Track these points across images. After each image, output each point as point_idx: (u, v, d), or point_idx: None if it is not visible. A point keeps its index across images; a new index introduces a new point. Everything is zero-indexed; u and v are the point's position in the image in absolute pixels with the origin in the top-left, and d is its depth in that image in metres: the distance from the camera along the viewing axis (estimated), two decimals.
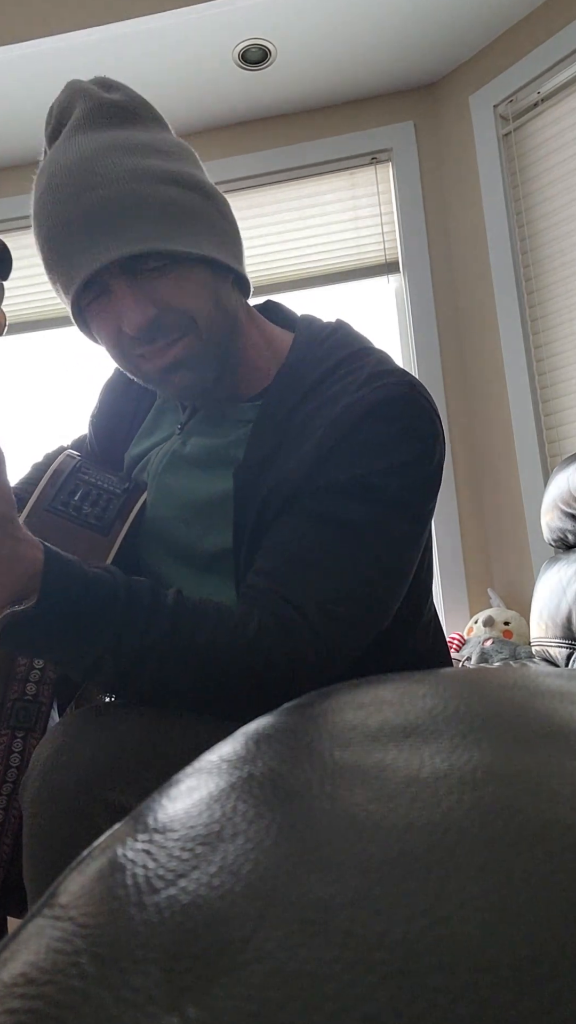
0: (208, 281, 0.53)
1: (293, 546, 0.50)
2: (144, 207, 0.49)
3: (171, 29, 1.50)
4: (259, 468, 0.55)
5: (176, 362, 0.53)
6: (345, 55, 1.61)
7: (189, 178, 0.53)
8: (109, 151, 0.50)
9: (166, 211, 0.50)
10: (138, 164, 0.51)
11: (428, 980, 0.11)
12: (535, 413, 1.54)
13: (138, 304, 0.50)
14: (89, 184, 0.49)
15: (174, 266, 0.51)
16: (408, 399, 0.53)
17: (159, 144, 0.53)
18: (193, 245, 0.51)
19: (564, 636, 1.00)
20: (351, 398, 0.53)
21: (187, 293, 0.52)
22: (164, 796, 0.17)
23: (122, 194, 0.49)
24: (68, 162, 0.50)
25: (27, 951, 0.12)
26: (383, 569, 0.51)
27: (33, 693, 0.54)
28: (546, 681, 0.21)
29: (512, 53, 1.58)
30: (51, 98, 0.55)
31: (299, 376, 0.57)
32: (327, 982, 0.11)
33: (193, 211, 0.52)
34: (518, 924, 0.11)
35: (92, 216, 0.49)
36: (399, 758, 0.16)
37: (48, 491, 0.58)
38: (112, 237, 0.49)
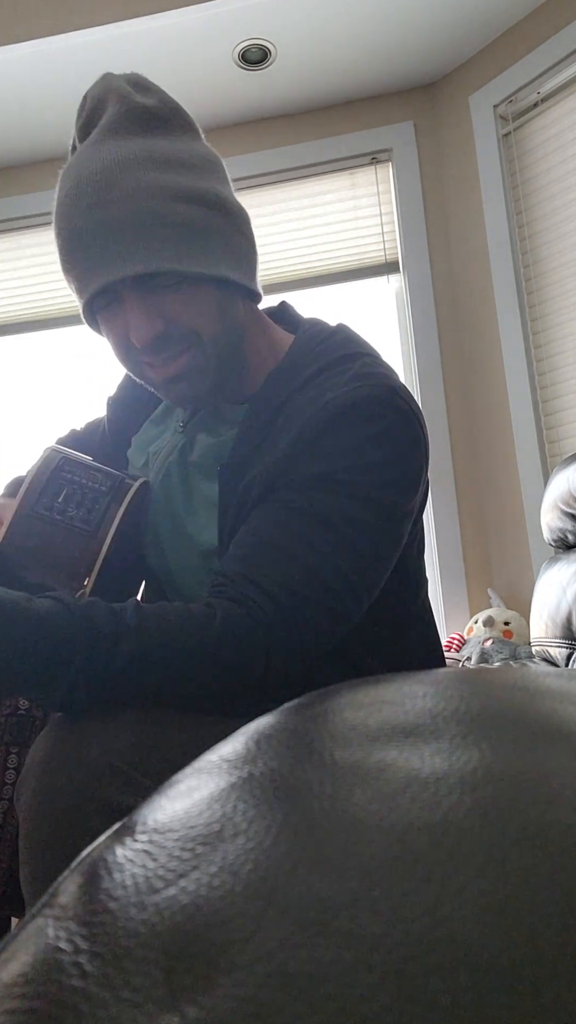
0: (217, 299, 0.55)
1: (264, 534, 0.51)
2: (160, 226, 0.50)
3: (171, 29, 1.50)
4: (242, 467, 0.56)
5: (178, 375, 0.55)
6: (345, 55, 1.61)
7: (209, 194, 0.54)
8: (132, 164, 0.51)
9: (181, 230, 0.51)
10: (159, 180, 0.51)
11: (428, 981, 0.11)
12: (535, 413, 1.54)
13: (147, 318, 0.52)
14: (109, 197, 0.50)
15: (185, 284, 0.53)
16: (386, 401, 0.54)
17: (185, 156, 0.54)
18: (205, 265, 0.53)
19: (564, 636, 1.00)
20: (329, 396, 0.54)
21: (195, 311, 0.53)
22: (164, 796, 0.17)
23: (140, 211, 0.50)
24: (92, 170, 0.52)
25: (27, 951, 0.12)
26: (353, 556, 0.51)
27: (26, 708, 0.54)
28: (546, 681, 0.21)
29: (512, 53, 1.58)
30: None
31: (289, 377, 0.58)
32: (327, 982, 0.11)
33: (209, 230, 0.53)
34: (518, 925, 0.11)
35: (109, 229, 0.50)
36: (399, 758, 0.16)
37: (32, 493, 0.56)
38: (127, 253, 0.50)
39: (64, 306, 1.84)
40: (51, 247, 1.84)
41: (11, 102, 1.65)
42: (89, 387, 1.86)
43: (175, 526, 0.61)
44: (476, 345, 1.65)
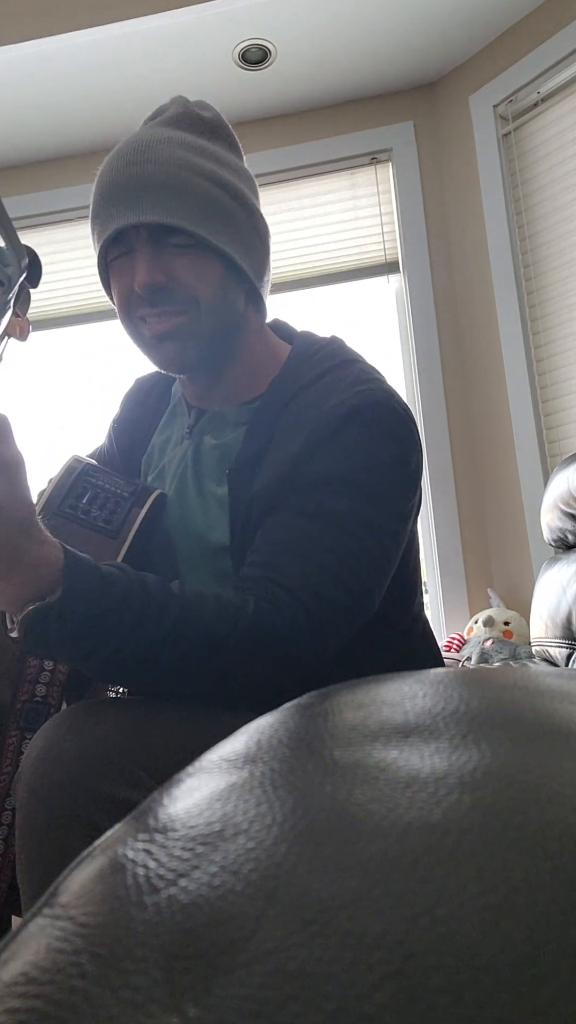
0: (221, 274, 0.58)
1: (281, 537, 0.53)
2: (185, 191, 0.55)
3: (171, 29, 1.50)
4: (250, 469, 0.58)
5: (170, 332, 0.58)
6: (345, 55, 1.61)
7: (236, 189, 0.59)
8: (172, 143, 0.57)
9: (202, 201, 0.56)
10: (193, 159, 0.57)
11: (428, 980, 0.11)
12: (535, 413, 1.54)
13: (152, 267, 0.56)
14: (143, 159, 0.56)
15: (195, 248, 0.56)
16: (386, 405, 0.57)
17: (222, 157, 0.60)
18: (216, 237, 0.57)
19: (564, 636, 1.00)
20: (333, 401, 0.56)
21: (198, 275, 0.57)
22: (165, 795, 0.17)
23: (169, 174, 0.55)
24: (136, 140, 0.57)
25: (27, 950, 0.12)
26: (367, 556, 0.53)
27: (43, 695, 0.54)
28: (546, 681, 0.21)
29: (512, 53, 1.58)
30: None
31: (290, 382, 0.61)
32: (327, 982, 0.11)
33: (228, 214, 0.58)
34: (517, 924, 0.11)
35: (136, 183, 0.55)
36: (399, 758, 0.16)
37: (57, 494, 0.59)
38: (149, 203, 0.55)
39: (65, 306, 1.84)
40: (58, 246, 1.84)
41: (11, 102, 1.65)
42: (89, 387, 1.86)
43: (188, 526, 0.62)
44: (476, 345, 1.65)
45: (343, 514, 0.53)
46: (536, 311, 1.58)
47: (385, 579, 0.55)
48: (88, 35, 1.49)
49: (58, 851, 0.41)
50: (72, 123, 1.72)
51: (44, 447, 1.84)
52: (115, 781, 0.42)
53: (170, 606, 0.47)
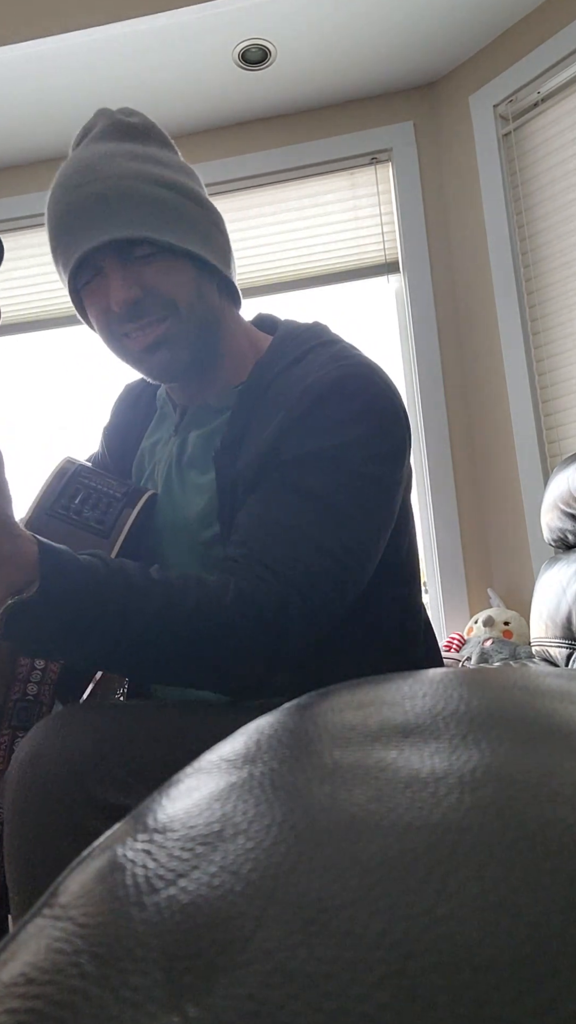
0: (192, 275, 0.58)
1: (265, 515, 0.53)
2: (138, 201, 0.55)
3: (171, 29, 1.50)
4: (234, 449, 0.58)
5: (157, 341, 0.58)
6: (345, 55, 1.61)
7: (185, 187, 0.58)
8: (114, 156, 0.57)
9: (158, 207, 0.56)
10: (138, 167, 0.56)
11: (427, 980, 0.11)
12: (535, 413, 1.54)
13: (125, 283, 0.56)
14: (92, 178, 0.55)
15: (162, 255, 0.56)
16: (364, 377, 0.56)
17: (162, 158, 0.60)
18: (179, 239, 0.56)
19: (564, 636, 1.00)
20: (312, 378, 0.56)
21: (171, 281, 0.57)
22: (164, 796, 0.17)
23: (119, 188, 0.55)
24: (77, 162, 0.57)
25: (27, 951, 0.12)
26: (355, 529, 0.53)
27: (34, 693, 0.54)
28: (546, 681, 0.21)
29: (512, 53, 1.58)
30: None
31: (271, 364, 0.61)
32: (327, 982, 0.11)
33: (184, 214, 0.57)
34: (517, 923, 0.11)
35: (90, 204, 0.54)
36: (399, 758, 0.16)
37: (49, 495, 0.59)
38: (106, 222, 0.54)
39: (64, 306, 1.84)
40: None
41: (11, 102, 1.65)
42: (89, 387, 1.86)
43: (179, 521, 0.62)
44: (476, 345, 1.65)
45: (324, 489, 0.52)
46: (536, 311, 1.58)
47: (374, 549, 0.54)
48: (87, 35, 1.49)
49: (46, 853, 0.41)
50: (72, 123, 1.72)
51: (44, 447, 1.84)
52: (103, 785, 0.42)
53: (152, 593, 0.46)
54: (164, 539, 0.63)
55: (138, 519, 0.60)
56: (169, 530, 0.63)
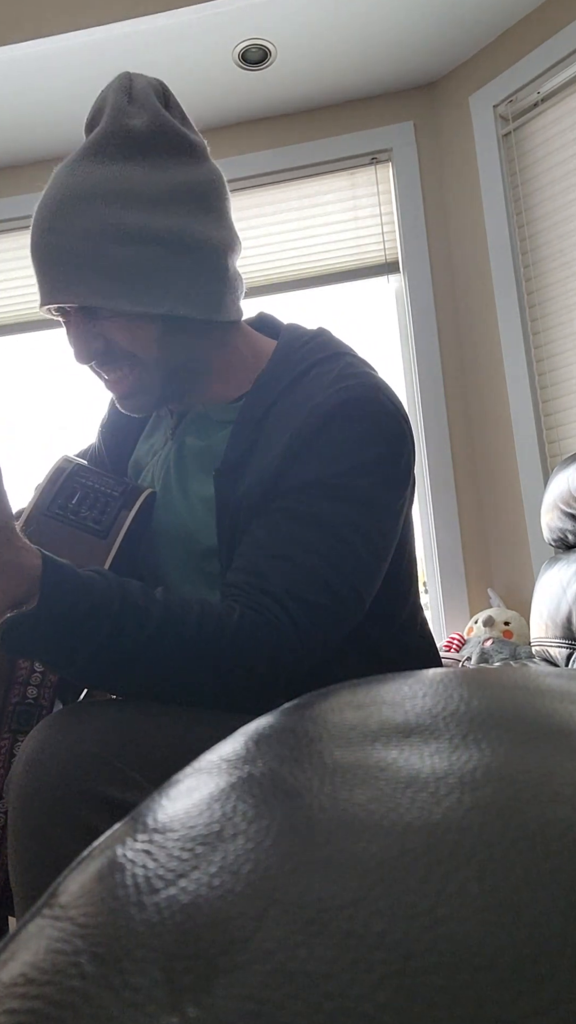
0: (156, 332, 0.56)
1: (269, 543, 0.52)
2: (94, 266, 0.53)
3: (171, 29, 1.50)
4: (236, 469, 0.57)
5: (128, 391, 0.59)
6: (345, 55, 1.61)
7: (164, 233, 0.54)
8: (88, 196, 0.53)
9: (116, 272, 0.53)
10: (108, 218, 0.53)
11: (428, 980, 0.11)
12: (535, 413, 1.54)
13: (84, 340, 0.56)
14: (59, 227, 0.54)
15: (122, 316, 0.55)
16: (371, 399, 0.55)
17: (153, 190, 0.55)
18: (142, 304, 0.54)
19: (564, 636, 1.00)
20: (318, 399, 0.55)
21: (131, 339, 0.56)
22: (164, 796, 0.17)
23: (77, 249, 0.53)
24: (52, 197, 0.55)
25: (27, 951, 0.12)
26: (357, 562, 0.52)
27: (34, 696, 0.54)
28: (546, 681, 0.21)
29: (512, 53, 1.58)
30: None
31: (275, 379, 0.59)
32: (327, 982, 0.11)
33: (157, 270, 0.54)
34: (518, 924, 0.11)
35: (51, 258, 0.54)
36: (399, 758, 0.16)
37: (46, 495, 0.58)
38: (64, 284, 0.54)
39: None
40: None
41: (11, 102, 1.65)
42: (88, 387, 1.86)
43: (175, 528, 0.62)
44: (476, 345, 1.65)
45: (330, 517, 0.52)
46: (536, 311, 1.58)
47: (375, 580, 0.54)
48: (87, 35, 1.49)
49: (51, 852, 0.41)
50: (72, 124, 1.72)
51: (44, 447, 1.84)
52: (108, 782, 0.42)
53: (150, 613, 0.46)
54: (160, 542, 0.63)
55: (136, 519, 0.59)
56: (165, 535, 0.62)
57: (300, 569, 0.50)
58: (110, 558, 0.56)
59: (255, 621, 0.48)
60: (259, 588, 0.50)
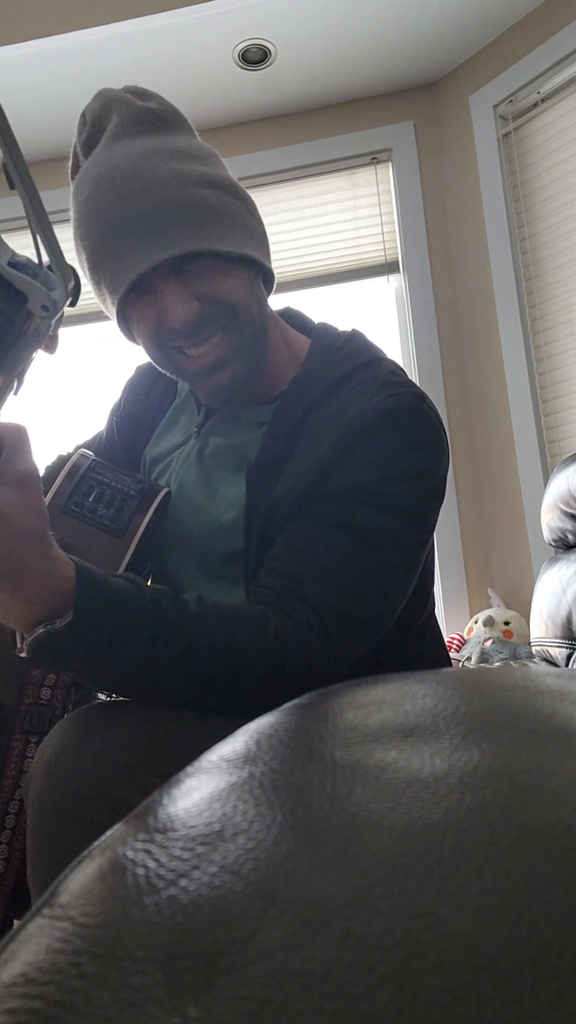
0: (247, 278, 0.57)
1: (307, 549, 0.51)
2: (189, 210, 0.52)
3: (171, 29, 1.50)
4: (271, 471, 0.56)
5: (219, 360, 0.56)
6: (345, 55, 1.61)
7: (224, 181, 0.56)
8: (151, 156, 0.53)
9: (209, 214, 0.53)
10: (180, 168, 0.53)
11: (428, 980, 0.10)
12: (535, 413, 1.54)
13: (183, 300, 0.53)
14: (136, 188, 0.52)
15: (217, 264, 0.54)
16: (418, 410, 0.55)
17: (193, 149, 0.56)
18: (233, 245, 0.55)
19: (564, 636, 1.00)
20: (363, 405, 0.54)
21: (229, 287, 0.55)
22: (164, 796, 0.17)
23: (169, 197, 0.52)
24: (112, 167, 0.53)
25: (27, 951, 0.12)
26: (392, 573, 0.52)
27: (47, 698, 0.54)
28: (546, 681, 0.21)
29: (512, 53, 1.58)
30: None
31: (314, 382, 0.58)
32: (327, 982, 0.11)
33: (231, 213, 0.55)
34: (518, 924, 0.11)
35: (142, 218, 0.51)
36: (399, 758, 0.16)
37: (63, 492, 0.57)
38: (162, 238, 0.51)
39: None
40: None
41: (9, 102, 1.65)
42: (89, 387, 1.86)
43: (196, 528, 0.60)
44: (476, 345, 1.65)
45: (369, 527, 0.51)
46: (536, 311, 1.58)
47: (407, 592, 0.54)
48: (88, 35, 1.49)
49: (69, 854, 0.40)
50: (71, 124, 1.72)
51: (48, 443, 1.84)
52: (130, 786, 0.41)
53: (183, 627, 0.45)
54: (178, 542, 0.62)
55: (153, 519, 0.58)
56: (184, 534, 0.61)
57: (337, 578, 0.50)
58: (127, 558, 0.56)
59: (290, 631, 0.47)
60: (295, 594, 0.49)
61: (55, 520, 0.55)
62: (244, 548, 0.56)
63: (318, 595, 0.49)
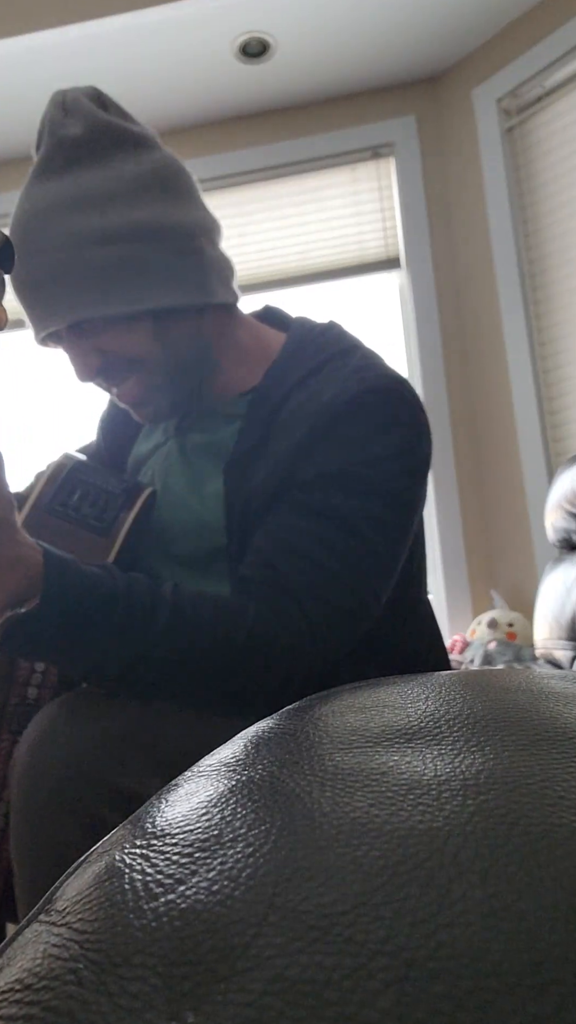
0: (152, 329, 0.56)
1: (285, 536, 0.51)
2: (81, 275, 0.52)
3: (170, 22, 1.49)
4: (247, 463, 0.56)
5: (140, 398, 0.57)
6: (346, 48, 1.60)
7: (135, 227, 0.53)
8: (53, 211, 0.53)
9: (102, 274, 0.52)
10: (76, 225, 0.52)
11: (430, 987, 0.10)
12: (539, 411, 1.54)
13: (83, 358, 0.55)
14: (34, 249, 0.53)
15: (116, 322, 0.54)
16: (390, 390, 0.54)
17: (109, 187, 0.53)
18: (133, 302, 0.53)
19: (568, 638, 1.00)
20: (335, 390, 0.54)
21: (130, 343, 0.55)
22: (162, 800, 0.17)
23: (58, 263, 0.52)
24: (22, 218, 0.54)
25: (24, 957, 0.12)
26: (373, 557, 0.52)
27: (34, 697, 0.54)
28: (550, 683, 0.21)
29: (516, 46, 1.57)
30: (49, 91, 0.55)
31: (288, 372, 0.58)
32: (328, 989, 0.10)
33: (134, 266, 0.53)
34: (521, 930, 0.11)
35: (35, 284, 0.53)
36: (401, 762, 0.16)
37: (47, 491, 0.57)
38: (52, 307, 0.53)
39: None
40: None
41: (7, 96, 1.65)
42: None
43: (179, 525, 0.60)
44: (479, 341, 1.64)
45: (348, 512, 0.51)
46: (540, 307, 1.57)
47: (392, 577, 0.54)
48: (86, 28, 1.49)
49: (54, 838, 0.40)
50: None
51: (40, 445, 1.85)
52: (115, 769, 0.41)
53: (157, 611, 0.45)
54: (164, 540, 0.62)
55: (138, 517, 0.59)
56: (169, 532, 0.61)
57: (317, 567, 0.50)
58: (112, 556, 0.56)
59: (271, 620, 0.47)
60: (275, 584, 0.49)
61: (39, 520, 0.55)
62: (227, 542, 0.56)
63: (297, 583, 0.49)
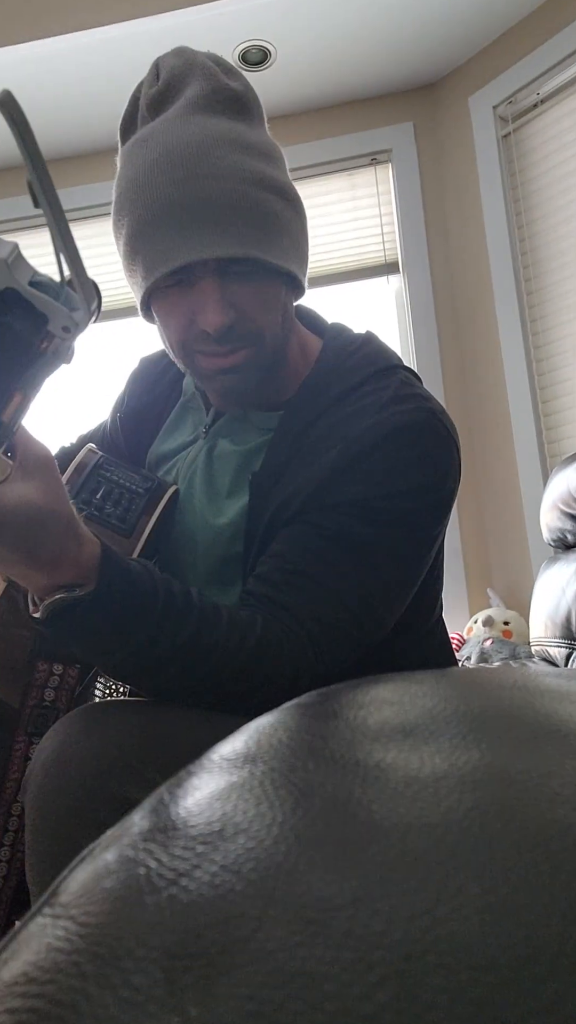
0: (282, 297, 0.55)
1: (294, 556, 0.51)
2: (250, 211, 0.49)
3: (171, 30, 1.50)
4: (274, 478, 0.55)
5: (234, 367, 0.54)
6: (345, 56, 1.61)
7: (285, 187, 0.54)
8: (223, 143, 0.50)
9: (266, 220, 0.50)
10: (248, 164, 0.50)
11: (428, 980, 0.11)
12: (535, 413, 1.55)
13: (220, 305, 0.51)
14: (202, 173, 0.48)
15: (260, 275, 0.52)
16: (428, 426, 0.53)
17: (264, 146, 0.53)
18: (282, 259, 0.52)
19: (564, 636, 1.00)
20: (371, 420, 0.53)
21: (264, 306, 0.53)
22: (165, 795, 0.17)
23: (232, 192, 0.49)
24: (183, 143, 0.49)
25: (28, 950, 0.12)
26: (383, 586, 0.51)
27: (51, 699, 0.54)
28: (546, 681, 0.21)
29: (512, 54, 1.58)
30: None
31: (323, 388, 0.57)
32: (327, 982, 0.11)
33: (286, 224, 0.53)
34: (518, 924, 0.11)
35: (200, 205, 0.48)
36: (399, 758, 0.16)
37: (70, 488, 0.56)
38: (216, 234, 0.49)
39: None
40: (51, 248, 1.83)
41: None
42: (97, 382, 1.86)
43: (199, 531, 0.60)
44: (475, 346, 1.65)
45: (365, 541, 0.50)
46: (536, 312, 1.58)
47: (401, 605, 0.53)
48: (88, 36, 1.49)
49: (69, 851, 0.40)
50: (71, 124, 1.72)
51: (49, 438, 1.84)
52: (129, 783, 0.41)
53: (189, 616, 0.46)
54: (179, 543, 0.62)
55: (161, 518, 0.58)
56: (186, 536, 0.61)
57: (322, 589, 0.49)
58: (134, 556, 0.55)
59: (275, 637, 0.48)
60: (278, 603, 0.49)
61: None
62: (243, 553, 0.56)
63: (300, 605, 0.49)
